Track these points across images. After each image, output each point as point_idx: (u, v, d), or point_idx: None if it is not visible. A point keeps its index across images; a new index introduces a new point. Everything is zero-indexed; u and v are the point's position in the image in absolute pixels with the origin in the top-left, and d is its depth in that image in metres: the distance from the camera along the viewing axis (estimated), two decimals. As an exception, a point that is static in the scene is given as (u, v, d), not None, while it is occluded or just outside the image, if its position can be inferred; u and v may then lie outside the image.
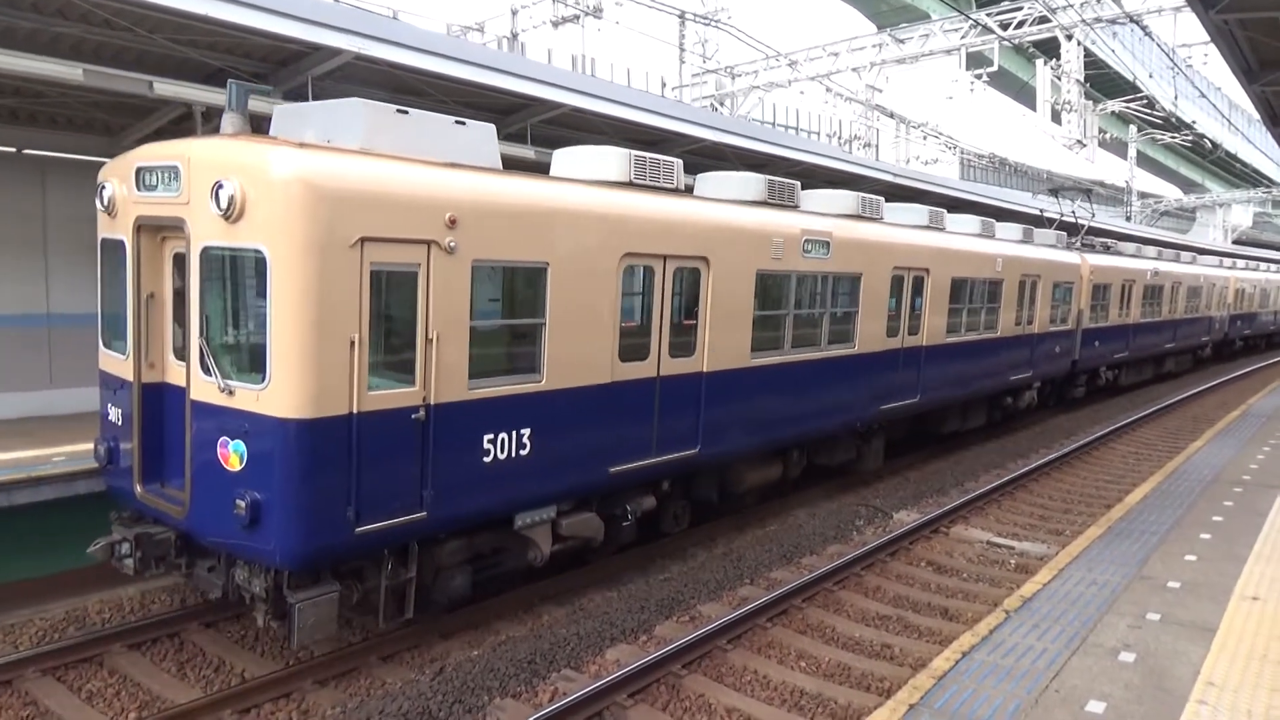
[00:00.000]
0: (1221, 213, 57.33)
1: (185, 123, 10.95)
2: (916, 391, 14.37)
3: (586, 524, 8.92)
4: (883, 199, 13.85)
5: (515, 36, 24.89)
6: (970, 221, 16.80)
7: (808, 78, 29.61)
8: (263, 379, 6.41)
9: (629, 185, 9.23)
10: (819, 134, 35.76)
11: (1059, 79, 25.52)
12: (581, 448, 8.50)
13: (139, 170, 7.23)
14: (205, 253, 6.73)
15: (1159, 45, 29.22)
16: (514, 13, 24.79)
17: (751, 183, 11.07)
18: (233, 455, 6.58)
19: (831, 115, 33.84)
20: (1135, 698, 5.68)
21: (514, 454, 7.81)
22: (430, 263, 6.95)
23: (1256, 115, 15.79)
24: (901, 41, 28.30)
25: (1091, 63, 28.98)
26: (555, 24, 24.14)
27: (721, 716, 7.03)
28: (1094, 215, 26.00)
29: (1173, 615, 7.07)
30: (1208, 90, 44.94)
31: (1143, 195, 54.25)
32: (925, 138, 35.50)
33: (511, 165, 8.73)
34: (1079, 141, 26.16)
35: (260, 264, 6.35)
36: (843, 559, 10.21)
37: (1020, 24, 25.71)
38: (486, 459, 7.58)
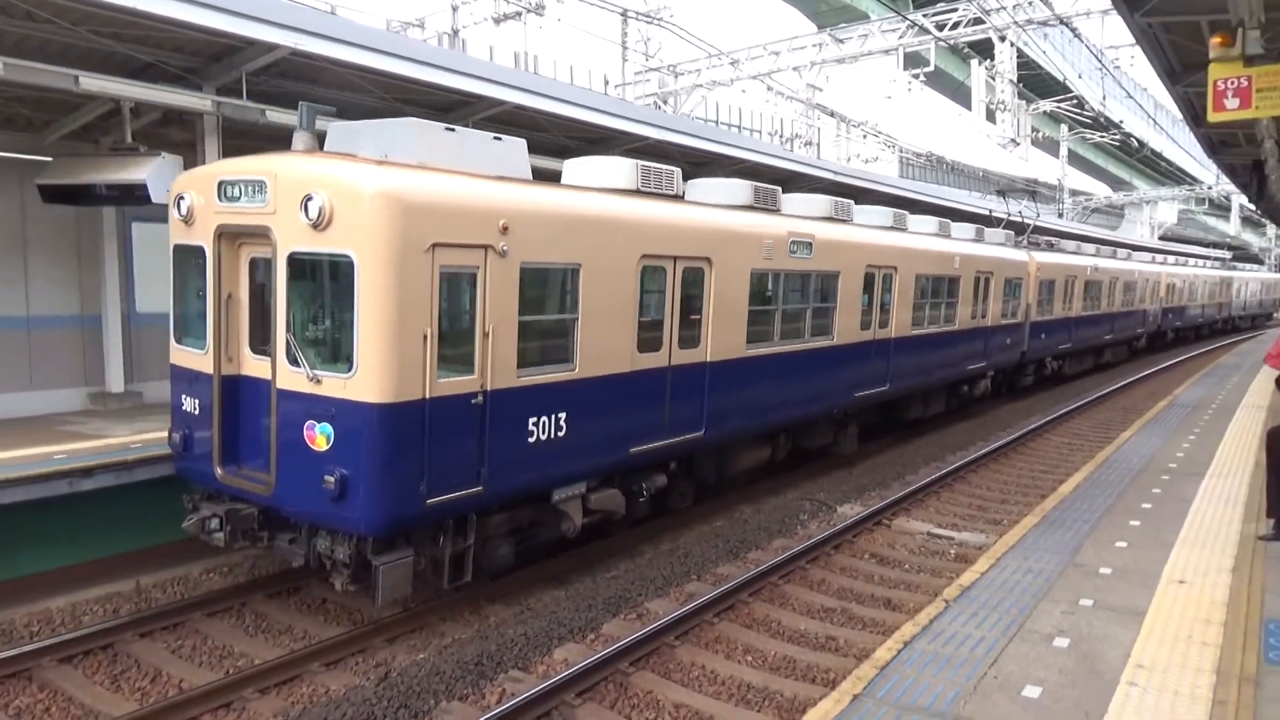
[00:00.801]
0: (1148, 209, 59.02)
1: (113, 118, 10.63)
2: (887, 380, 15.27)
3: (611, 499, 9.77)
4: (853, 202, 14.53)
5: (456, 33, 24.60)
6: (929, 222, 17.61)
7: (749, 76, 29.82)
8: (350, 368, 7.14)
9: (638, 193, 10.04)
10: (761, 132, 36.03)
11: (993, 79, 26.13)
12: (607, 430, 9.37)
13: (221, 183, 7.86)
14: (291, 257, 7.40)
15: (1088, 47, 30.00)
16: (455, 9, 24.48)
17: (738, 188, 11.91)
18: (319, 437, 7.30)
19: (773, 114, 34.13)
20: (1069, 682, 5.83)
21: (553, 435, 8.61)
22: (487, 265, 7.73)
23: (1180, 115, 16.33)
24: (841, 41, 28.65)
25: (1024, 64, 29.65)
26: (497, 21, 23.91)
27: (670, 713, 7.05)
28: (1039, 215, 26.96)
29: (1104, 601, 7.28)
30: (1134, 91, 46.22)
31: (1074, 193, 55.71)
32: (865, 136, 35.96)
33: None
34: (1013, 140, 26.86)
35: (348, 267, 7.06)
36: (788, 553, 10.33)
37: (956, 25, 26.24)
38: (531, 439, 8.38)
